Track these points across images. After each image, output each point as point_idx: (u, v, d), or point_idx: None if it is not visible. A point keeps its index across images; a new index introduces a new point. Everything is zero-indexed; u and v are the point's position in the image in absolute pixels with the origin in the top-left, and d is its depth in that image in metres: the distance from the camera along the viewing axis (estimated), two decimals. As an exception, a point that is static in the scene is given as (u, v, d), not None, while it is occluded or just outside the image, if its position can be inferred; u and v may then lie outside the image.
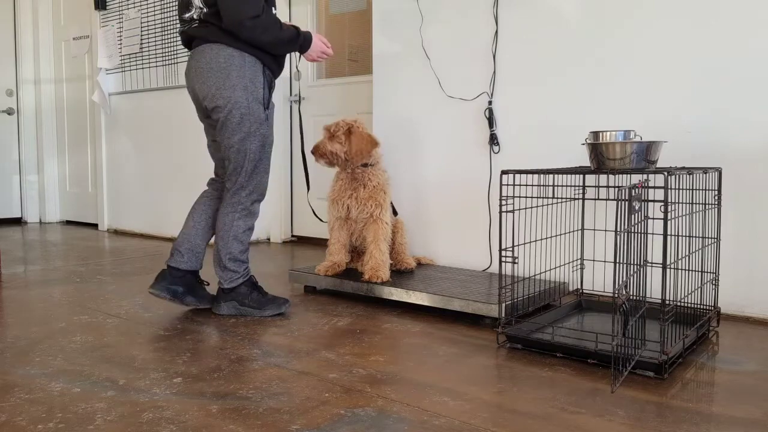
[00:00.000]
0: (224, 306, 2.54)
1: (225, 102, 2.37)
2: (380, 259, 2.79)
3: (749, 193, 2.48)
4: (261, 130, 2.45)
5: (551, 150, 2.94)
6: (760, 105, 2.43)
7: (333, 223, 2.92)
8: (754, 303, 2.49)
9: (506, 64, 3.08)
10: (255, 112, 2.42)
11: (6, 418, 1.54)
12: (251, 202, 2.51)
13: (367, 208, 2.81)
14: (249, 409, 1.60)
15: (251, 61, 2.39)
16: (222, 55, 2.36)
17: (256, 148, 2.44)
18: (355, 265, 3.01)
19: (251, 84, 2.40)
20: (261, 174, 2.50)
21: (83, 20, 5.53)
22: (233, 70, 2.36)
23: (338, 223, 2.91)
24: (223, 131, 2.42)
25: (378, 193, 2.82)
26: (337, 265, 2.92)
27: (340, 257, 2.93)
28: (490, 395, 1.71)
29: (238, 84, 2.37)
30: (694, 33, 2.56)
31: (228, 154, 2.45)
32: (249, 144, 2.42)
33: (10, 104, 5.92)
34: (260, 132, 2.45)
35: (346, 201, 2.84)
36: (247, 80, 2.38)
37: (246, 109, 2.39)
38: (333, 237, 2.94)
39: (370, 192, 2.82)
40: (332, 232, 2.94)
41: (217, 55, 2.36)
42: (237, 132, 2.40)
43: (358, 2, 4.31)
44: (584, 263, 2.65)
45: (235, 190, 2.48)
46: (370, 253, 2.81)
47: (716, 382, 1.83)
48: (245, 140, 2.42)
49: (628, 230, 1.72)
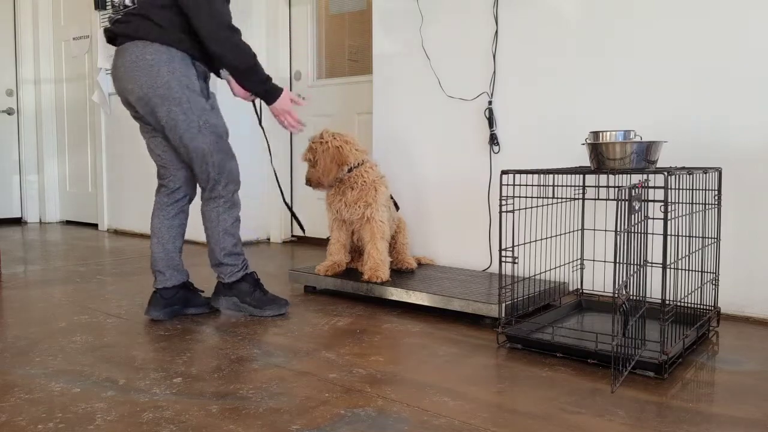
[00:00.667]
0: (223, 300, 2.53)
1: (161, 101, 2.29)
2: (378, 258, 2.78)
3: (749, 193, 2.48)
4: (210, 120, 2.38)
5: (551, 150, 2.94)
6: (760, 105, 2.43)
7: (332, 224, 2.92)
8: (754, 303, 2.49)
9: (506, 64, 3.08)
10: (196, 104, 2.33)
11: (6, 418, 1.54)
12: (230, 193, 2.48)
13: (358, 209, 2.80)
14: (249, 409, 1.60)
15: (180, 55, 2.31)
16: (148, 51, 2.27)
17: (211, 141, 2.38)
18: (356, 264, 3.01)
19: (184, 77, 2.31)
20: (228, 162, 2.44)
21: (83, 20, 5.53)
22: (162, 66, 2.27)
23: (336, 223, 2.91)
24: (172, 132, 2.35)
25: (368, 192, 2.80)
26: (337, 264, 2.92)
27: (339, 257, 2.93)
28: (490, 395, 1.71)
29: (171, 79, 2.28)
30: (695, 33, 2.56)
31: (187, 155, 2.39)
32: (203, 139, 2.36)
33: (10, 104, 5.92)
34: (209, 123, 2.37)
35: (336, 204, 2.84)
36: (179, 74, 2.29)
37: (187, 103, 2.31)
38: (333, 237, 2.94)
39: (358, 193, 2.79)
40: (332, 232, 2.94)
41: (143, 52, 2.27)
42: (186, 129, 2.33)
43: (358, 2, 4.31)
44: (584, 263, 2.65)
45: (211, 187, 2.45)
46: (368, 253, 2.80)
47: (716, 382, 1.83)
48: (197, 137, 2.35)
49: (628, 230, 1.72)
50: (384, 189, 2.86)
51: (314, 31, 4.55)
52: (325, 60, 4.57)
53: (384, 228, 2.82)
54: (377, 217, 2.80)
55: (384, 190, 2.86)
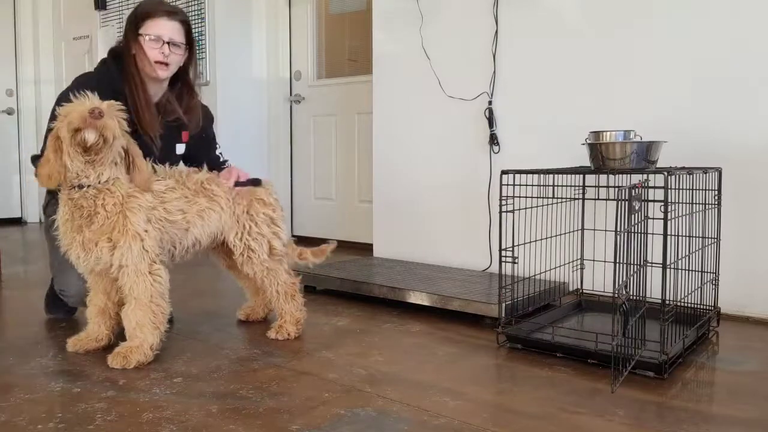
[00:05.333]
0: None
1: None
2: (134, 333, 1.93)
3: (749, 193, 2.48)
4: None
5: (551, 150, 2.94)
6: (760, 105, 2.43)
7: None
8: (754, 303, 2.49)
9: (506, 64, 3.08)
10: None
11: (6, 418, 1.54)
12: None
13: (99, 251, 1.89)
14: (249, 409, 1.60)
15: None
16: None
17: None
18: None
19: None
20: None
21: (83, 20, 5.53)
22: None
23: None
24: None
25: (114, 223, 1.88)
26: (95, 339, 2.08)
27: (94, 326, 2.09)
28: (490, 395, 1.71)
29: None
30: (694, 32, 2.56)
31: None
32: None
33: (10, 104, 5.91)
34: None
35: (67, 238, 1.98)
36: None
37: None
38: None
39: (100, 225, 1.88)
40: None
41: None
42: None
43: (358, 2, 4.31)
44: (584, 263, 2.65)
45: None
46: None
47: (716, 382, 1.83)
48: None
49: (628, 230, 1.72)
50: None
51: (314, 31, 4.55)
52: (325, 60, 4.56)
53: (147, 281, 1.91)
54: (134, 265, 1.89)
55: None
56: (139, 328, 1.91)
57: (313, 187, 4.61)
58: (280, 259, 2.21)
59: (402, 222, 3.52)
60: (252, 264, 2.16)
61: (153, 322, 1.92)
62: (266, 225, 2.17)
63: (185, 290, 2.98)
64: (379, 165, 3.63)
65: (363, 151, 4.21)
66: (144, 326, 1.91)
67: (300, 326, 2.24)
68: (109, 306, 2.05)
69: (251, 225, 2.15)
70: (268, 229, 2.18)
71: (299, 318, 2.25)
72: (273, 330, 2.23)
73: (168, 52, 2.17)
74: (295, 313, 2.24)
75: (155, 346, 1.94)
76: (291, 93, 4.63)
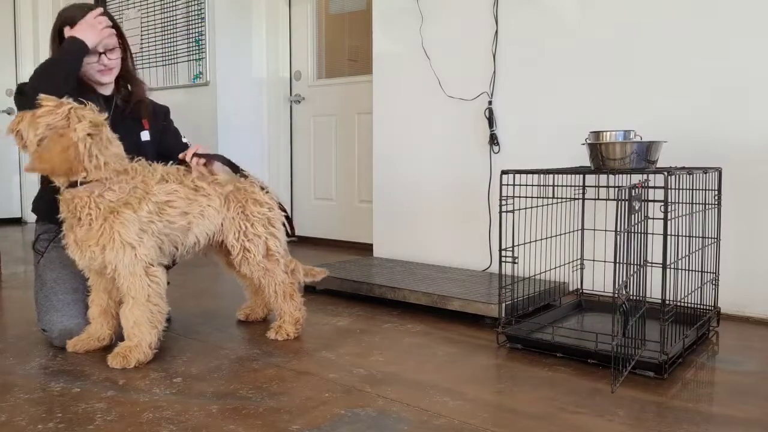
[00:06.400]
0: None
1: None
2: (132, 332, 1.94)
3: (749, 193, 2.48)
4: None
5: (551, 150, 2.94)
6: (760, 105, 2.43)
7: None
8: (754, 303, 2.49)
9: (506, 64, 3.08)
10: None
11: (6, 418, 1.54)
12: None
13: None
14: (249, 409, 1.60)
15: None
16: None
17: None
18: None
19: None
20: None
21: (83, 20, 5.53)
22: None
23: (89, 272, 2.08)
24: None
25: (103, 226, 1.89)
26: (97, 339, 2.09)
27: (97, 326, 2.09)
28: (490, 395, 1.71)
29: None
30: (694, 32, 2.56)
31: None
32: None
33: (10, 104, 5.91)
34: None
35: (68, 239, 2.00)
36: None
37: None
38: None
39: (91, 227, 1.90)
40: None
41: None
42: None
43: (358, 2, 4.31)
44: (584, 263, 2.65)
45: None
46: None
47: (716, 382, 1.83)
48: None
49: (628, 230, 1.72)
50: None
51: (314, 31, 4.55)
52: (325, 60, 4.56)
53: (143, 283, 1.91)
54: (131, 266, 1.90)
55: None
56: (137, 327, 1.91)
57: (313, 187, 4.61)
58: (278, 260, 2.20)
59: (402, 222, 3.52)
60: (249, 264, 2.16)
61: (151, 321, 1.92)
62: (262, 225, 2.16)
63: (185, 290, 2.98)
64: (379, 165, 3.63)
65: (363, 151, 4.21)
66: (141, 325, 1.91)
67: (299, 326, 2.24)
68: (111, 305, 2.04)
69: (247, 225, 2.14)
70: (264, 230, 2.17)
71: (298, 318, 2.24)
72: (272, 330, 2.23)
73: (107, 61, 2.12)
74: (294, 313, 2.23)
75: (154, 344, 1.94)
76: (291, 93, 4.64)
